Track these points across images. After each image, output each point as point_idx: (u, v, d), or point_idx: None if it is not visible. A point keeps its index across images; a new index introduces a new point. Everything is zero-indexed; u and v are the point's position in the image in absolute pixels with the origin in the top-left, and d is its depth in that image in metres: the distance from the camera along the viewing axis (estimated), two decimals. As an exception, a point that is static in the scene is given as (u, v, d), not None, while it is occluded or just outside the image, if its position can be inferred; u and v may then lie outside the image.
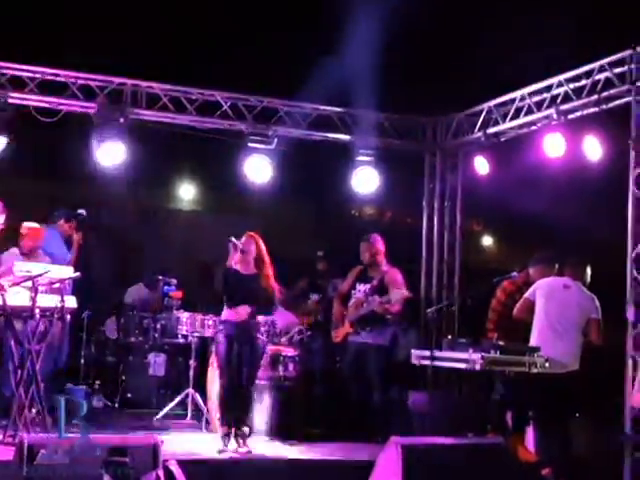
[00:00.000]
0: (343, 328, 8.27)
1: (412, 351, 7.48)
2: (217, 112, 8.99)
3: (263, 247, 7.32)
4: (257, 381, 7.53)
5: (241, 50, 10.14)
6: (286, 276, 8.63)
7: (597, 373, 7.35)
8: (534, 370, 6.70)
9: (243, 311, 7.14)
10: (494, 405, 7.11)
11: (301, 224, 13.14)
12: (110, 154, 8.47)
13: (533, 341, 7.10)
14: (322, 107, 9.39)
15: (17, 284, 6.44)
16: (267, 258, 7.30)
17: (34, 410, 6.62)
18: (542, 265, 7.65)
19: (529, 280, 7.65)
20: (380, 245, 8.27)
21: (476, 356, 6.69)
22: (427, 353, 7.14)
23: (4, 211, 7.46)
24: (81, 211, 8.69)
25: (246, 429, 7.07)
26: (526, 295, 7.32)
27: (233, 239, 7.21)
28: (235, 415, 7.04)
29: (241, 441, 6.97)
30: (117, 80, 8.67)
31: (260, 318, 7.52)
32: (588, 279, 7.32)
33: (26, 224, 7.73)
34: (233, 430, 6.99)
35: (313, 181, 11.15)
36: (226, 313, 7.24)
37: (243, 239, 7.28)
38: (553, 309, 7.11)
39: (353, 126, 9.43)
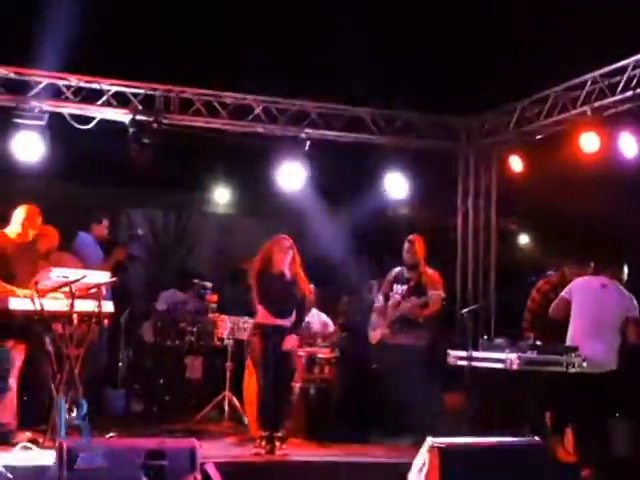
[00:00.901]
0: (380, 329, 8.27)
1: (449, 352, 7.46)
2: (249, 116, 9.03)
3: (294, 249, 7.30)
4: (293, 383, 7.54)
5: (273, 53, 10.15)
6: (319, 278, 8.62)
7: (636, 372, 7.26)
8: (572, 370, 6.65)
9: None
10: (532, 406, 7.05)
11: (336, 225, 13.11)
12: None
13: (570, 341, 7.04)
14: (354, 108, 9.38)
15: (55, 290, 6.49)
16: (298, 260, 7.30)
17: (73, 414, 6.66)
18: (578, 264, 7.58)
19: (565, 279, 7.59)
20: (422, 246, 8.28)
21: (513, 356, 6.67)
22: (464, 354, 7.12)
23: (39, 214, 7.42)
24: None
25: (282, 431, 7.09)
26: (562, 294, 7.26)
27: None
28: (272, 417, 7.05)
29: (277, 443, 6.98)
30: (150, 86, 8.74)
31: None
32: (625, 278, 7.24)
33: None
34: (270, 432, 7.00)
35: (347, 182, 11.13)
36: (261, 316, 7.24)
37: (278, 242, 7.24)
38: (590, 308, 7.04)
39: (385, 127, 9.41)
